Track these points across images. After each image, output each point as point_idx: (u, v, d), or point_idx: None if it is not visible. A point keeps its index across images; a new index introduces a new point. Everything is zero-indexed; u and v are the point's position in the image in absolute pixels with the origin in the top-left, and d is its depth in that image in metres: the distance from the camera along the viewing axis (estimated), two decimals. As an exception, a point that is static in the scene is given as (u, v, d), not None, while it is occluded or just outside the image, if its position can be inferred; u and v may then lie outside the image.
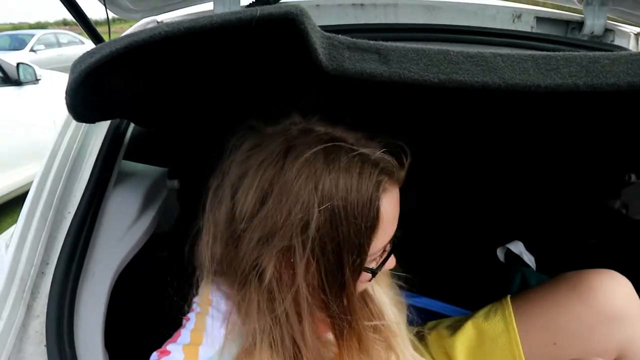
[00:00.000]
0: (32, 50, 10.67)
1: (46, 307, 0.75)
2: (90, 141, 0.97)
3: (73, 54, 11.50)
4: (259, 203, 0.60)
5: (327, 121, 0.67)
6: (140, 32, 0.62)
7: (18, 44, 10.81)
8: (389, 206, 0.64)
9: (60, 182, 0.89)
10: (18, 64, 3.88)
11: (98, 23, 1.16)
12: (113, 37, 1.00)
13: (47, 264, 0.81)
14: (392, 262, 0.71)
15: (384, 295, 0.84)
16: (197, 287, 0.73)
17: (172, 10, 1.16)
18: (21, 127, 3.80)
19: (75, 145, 0.95)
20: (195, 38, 0.60)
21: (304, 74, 0.68)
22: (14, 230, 0.86)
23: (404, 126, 0.95)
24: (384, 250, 0.68)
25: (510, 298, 1.00)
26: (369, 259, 0.64)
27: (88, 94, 0.74)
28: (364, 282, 0.69)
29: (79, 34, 13.29)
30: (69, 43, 12.19)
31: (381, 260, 0.68)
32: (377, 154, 0.63)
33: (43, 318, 0.75)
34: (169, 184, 1.11)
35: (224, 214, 0.64)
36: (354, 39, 0.62)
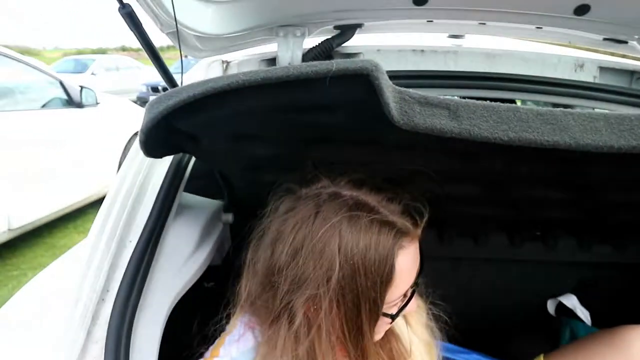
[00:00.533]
0: (92, 73, 11.34)
1: (105, 333, 0.78)
2: (153, 173, 1.01)
3: (130, 78, 12.16)
4: (291, 258, 0.70)
5: (354, 183, 0.75)
6: (218, 79, 0.65)
7: (81, 68, 11.57)
8: (406, 261, 0.71)
9: (125, 211, 0.93)
10: (81, 88, 4.12)
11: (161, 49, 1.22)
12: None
13: (108, 291, 0.84)
14: (412, 305, 0.77)
15: (412, 335, 0.88)
16: (230, 317, 0.83)
17: (237, 50, 1.21)
18: (81, 146, 4.00)
19: (139, 177, 0.99)
20: (269, 87, 0.63)
21: (372, 123, 0.69)
22: (82, 254, 0.90)
23: (464, 173, 0.94)
24: (404, 296, 0.74)
25: (544, 356, 1.03)
26: (387, 305, 0.72)
27: (161, 133, 0.77)
28: (384, 325, 0.76)
29: (136, 59, 14.03)
30: (127, 68, 12.89)
31: (401, 306, 0.74)
32: (396, 215, 0.71)
33: (102, 344, 0.77)
34: (224, 217, 1.13)
35: (262, 265, 0.75)
36: (425, 94, 0.63)
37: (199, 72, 1.22)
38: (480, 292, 1.51)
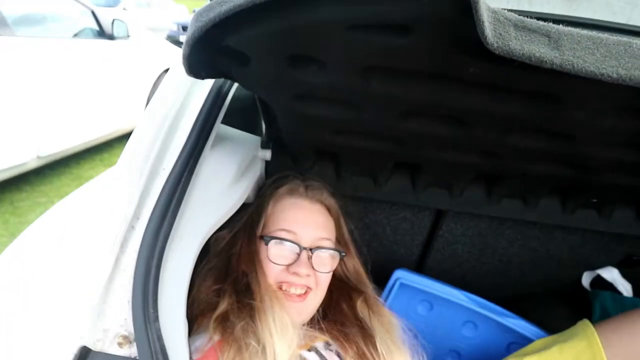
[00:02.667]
0: (124, 8, 11.18)
1: (135, 262, 0.73)
2: (191, 99, 0.94)
3: (160, 15, 12.00)
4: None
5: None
6: None
7: (112, 2, 11.38)
8: (280, 205, 0.99)
9: (159, 136, 0.86)
10: (113, 20, 4.04)
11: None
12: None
13: (138, 218, 0.78)
14: (274, 252, 0.92)
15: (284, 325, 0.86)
16: None
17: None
18: (111, 78, 3.97)
19: (176, 101, 0.92)
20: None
21: (452, 49, 0.60)
22: (111, 181, 0.85)
23: (536, 122, 0.84)
24: (277, 236, 0.93)
25: (595, 325, 1.04)
26: (266, 230, 0.96)
27: (207, 48, 0.69)
28: (273, 265, 0.91)
29: (167, -4, 13.77)
30: (158, 4, 12.66)
31: (274, 238, 0.93)
32: (299, 184, 1.04)
33: (130, 273, 0.72)
34: (261, 154, 1.07)
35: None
36: (522, 17, 0.54)
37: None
38: (519, 257, 1.43)
